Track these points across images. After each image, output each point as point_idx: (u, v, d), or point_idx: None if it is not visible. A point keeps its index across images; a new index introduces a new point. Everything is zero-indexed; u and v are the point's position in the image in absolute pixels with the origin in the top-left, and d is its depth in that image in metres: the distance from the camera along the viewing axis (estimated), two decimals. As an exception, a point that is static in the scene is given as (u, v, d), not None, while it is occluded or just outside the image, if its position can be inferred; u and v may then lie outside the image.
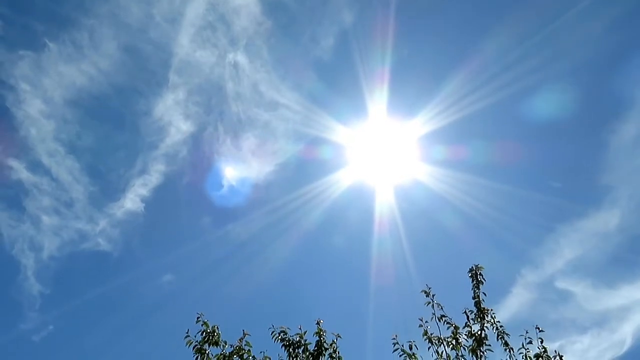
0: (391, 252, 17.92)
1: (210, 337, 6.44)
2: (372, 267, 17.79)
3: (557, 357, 6.66)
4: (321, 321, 6.94)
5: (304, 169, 20.88)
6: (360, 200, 19.93)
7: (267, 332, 6.75)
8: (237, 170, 20.99)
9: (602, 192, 19.09)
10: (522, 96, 18.71)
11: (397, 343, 6.53)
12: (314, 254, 21.03)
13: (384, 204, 18.83)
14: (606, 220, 18.48)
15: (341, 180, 19.39)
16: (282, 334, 6.72)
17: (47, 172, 19.76)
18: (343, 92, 19.44)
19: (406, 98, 19.09)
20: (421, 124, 18.24)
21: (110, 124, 21.35)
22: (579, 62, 18.67)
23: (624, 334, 17.23)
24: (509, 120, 19.83)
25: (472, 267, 6.97)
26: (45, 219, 19.85)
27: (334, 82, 19.91)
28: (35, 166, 19.73)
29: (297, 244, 20.08)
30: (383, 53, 17.99)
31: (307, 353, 6.74)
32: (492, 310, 6.72)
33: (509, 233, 18.85)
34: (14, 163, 19.57)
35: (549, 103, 19.08)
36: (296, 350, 6.75)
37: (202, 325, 6.53)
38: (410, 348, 6.53)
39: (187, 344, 6.47)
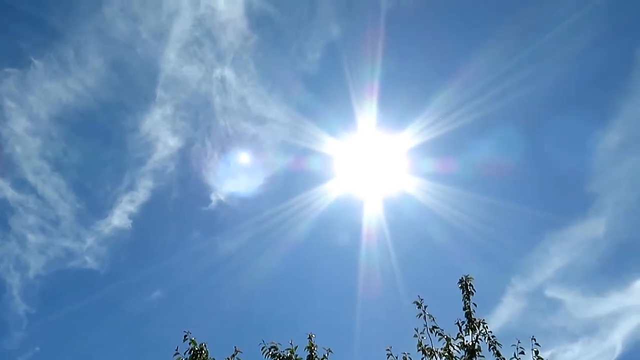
0: (379, 264, 17.90)
1: (199, 356, 6.33)
2: (360, 279, 17.74)
3: (551, 367, 6.62)
4: (313, 335, 6.86)
5: (292, 181, 20.84)
6: (348, 212, 19.89)
7: (257, 347, 6.66)
8: (226, 185, 20.88)
9: (588, 200, 19.25)
10: (510, 110, 18.92)
11: (392, 355, 6.47)
12: (301, 266, 20.90)
13: (372, 216, 18.80)
14: (593, 228, 18.63)
15: (329, 192, 19.33)
16: (272, 350, 6.61)
17: (32, 190, 19.50)
18: (332, 104, 19.47)
19: (395, 110, 19.16)
20: (410, 136, 18.30)
21: (97, 141, 21.20)
22: (565, 76, 18.94)
23: (614, 341, 17.29)
24: (497, 134, 20.00)
25: (462, 277, 6.93)
26: (31, 238, 19.56)
27: (323, 94, 19.94)
28: (21, 184, 19.48)
29: (284, 256, 19.96)
30: (372, 65, 18.10)
31: (299, 368, 6.64)
32: (483, 320, 6.68)
33: (497, 245, 18.91)
34: (-2, 181, 19.31)
35: (535, 115, 19.37)
36: (287, 365, 6.65)
37: (189, 343, 6.43)
38: (405, 360, 6.48)
39: (176, 362, 6.37)
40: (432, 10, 19.07)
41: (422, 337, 6.66)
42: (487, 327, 6.64)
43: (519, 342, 6.63)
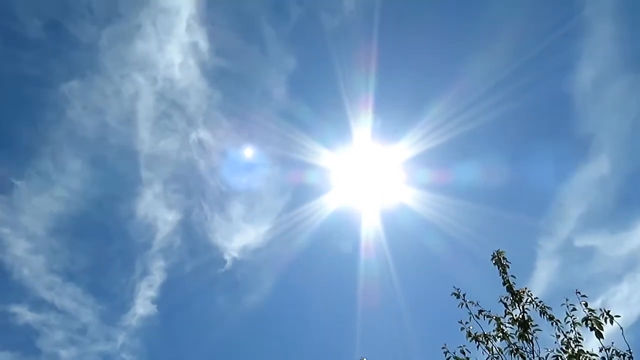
0: (378, 275, 17.97)
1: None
2: (359, 290, 17.76)
3: (605, 314, 6.52)
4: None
5: (290, 195, 20.88)
6: (346, 224, 19.97)
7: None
8: (235, 242, 20.85)
9: (584, 141, 19.28)
10: (504, 120, 19.16)
11: (448, 351, 6.37)
12: (300, 279, 20.81)
13: (370, 227, 18.94)
14: (598, 167, 18.63)
15: (327, 205, 19.48)
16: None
17: (51, 306, 19.41)
18: (327, 119, 19.55)
19: (390, 122, 19.33)
20: (406, 147, 18.48)
21: (99, 239, 21.21)
22: (557, 89, 19.26)
23: (659, 269, 17.09)
24: (491, 144, 20.21)
25: (494, 253, 6.87)
26: (64, 353, 19.38)
27: (317, 110, 20.02)
28: (38, 304, 19.39)
29: (285, 269, 19.96)
30: (367, 78, 18.34)
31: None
32: (527, 289, 6.60)
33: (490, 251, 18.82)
34: (15, 308, 19.17)
35: (528, 126, 19.58)
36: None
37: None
38: (463, 353, 6.37)
39: None
40: (425, 23, 19.43)
41: (470, 327, 6.59)
42: (531, 294, 6.57)
43: (567, 300, 6.55)
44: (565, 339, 6.42)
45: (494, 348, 6.50)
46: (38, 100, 19.37)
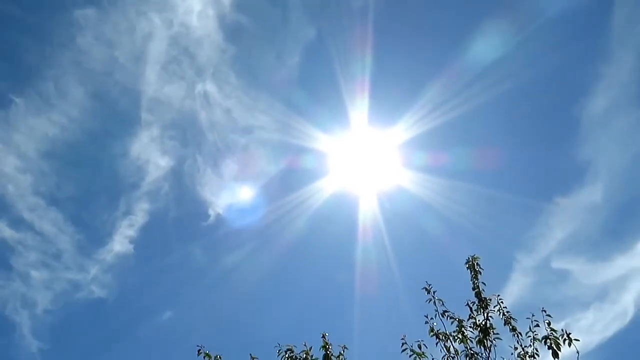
0: (375, 258, 17.98)
1: (215, 368, 6.34)
2: (356, 274, 17.80)
3: (565, 336, 6.62)
4: (326, 334, 6.86)
5: (286, 180, 20.87)
6: (343, 207, 19.95)
7: (266, 349, 6.67)
8: (222, 198, 20.86)
9: (582, 167, 19.34)
10: (500, 101, 19.07)
11: (406, 343, 6.47)
12: (299, 263, 20.92)
13: (367, 210, 18.88)
14: (591, 195, 18.72)
15: (324, 189, 19.42)
16: (288, 352, 6.62)
17: (30, 227, 19.43)
18: (324, 102, 19.46)
19: (387, 105, 19.24)
20: (402, 130, 18.38)
21: (88, 170, 21.14)
22: (549, 69, 19.09)
23: (626, 303, 17.37)
24: (487, 125, 20.16)
25: (469, 258, 6.95)
26: (35, 274, 19.48)
27: (313, 93, 19.88)
28: (17, 223, 19.41)
29: (282, 254, 20.02)
30: (362, 62, 18.19)
31: (316, 368, 6.64)
32: (498, 295, 6.69)
33: (490, 236, 19.05)
34: (-6, 223, 19.21)
35: (524, 105, 19.51)
36: (305, 367, 6.64)
37: (204, 357, 6.43)
38: (420, 347, 6.48)
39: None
40: (422, 5, 19.22)
41: (434, 323, 6.69)
42: (502, 301, 6.66)
43: (532, 315, 6.64)
44: (522, 352, 6.53)
45: (452, 348, 6.62)
46: (50, 21, 19.11)
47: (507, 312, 6.65)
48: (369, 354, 6.71)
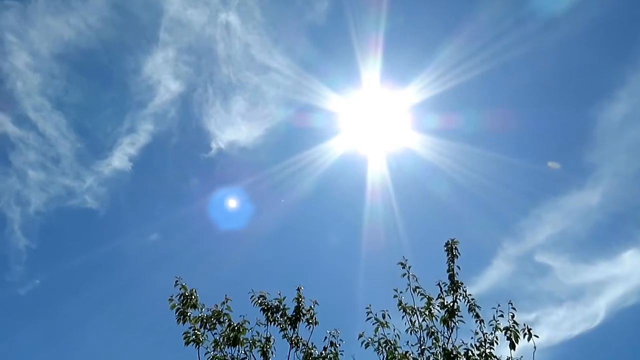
0: (382, 219, 18.08)
1: (189, 300, 6.58)
2: (363, 234, 17.97)
3: (526, 330, 6.87)
4: (302, 287, 7.11)
5: (295, 137, 20.81)
6: (352, 168, 19.95)
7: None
8: (226, 133, 20.88)
9: (587, 168, 19.29)
10: (515, 64, 18.64)
11: (371, 312, 6.73)
12: (305, 221, 21.17)
13: (376, 172, 18.88)
14: (588, 198, 18.76)
15: (333, 149, 19.32)
16: (261, 299, 6.87)
17: (33, 126, 19.51)
18: (336, 58, 19.20)
19: (400, 66, 18.94)
20: (414, 92, 18.11)
21: (98, 81, 21.02)
22: (573, 32, 18.50)
23: (598, 307, 17.75)
24: (501, 89, 19.86)
25: (448, 241, 7.11)
26: (32, 174, 19.75)
27: (327, 48, 19.64)
28: (22, 120, 19.48)
29: (288, 212, 20.18)
30: (377, 19, 17.71)
31: (285, 317, 6.92)
32: (463, 284, 6.90)
33: (497, 202, 19.08)
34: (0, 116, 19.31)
35: (541, 72, 19.12)
36: (275, 314, 6.92)
37: (180, 288, 6.66)
38: (384, 317, 6.74)
39: (170, 307, 6.63)
40: None
41: (403, 297, 6.93)
42: (466, 290, 6.87)
43: (498, 305, 6.86)
44: (482, 338, 6.79)
45: (417, 322, 6.88)
46: None
47: (472, 299, 6.88)
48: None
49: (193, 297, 6.60)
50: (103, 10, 19.01)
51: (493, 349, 6.69)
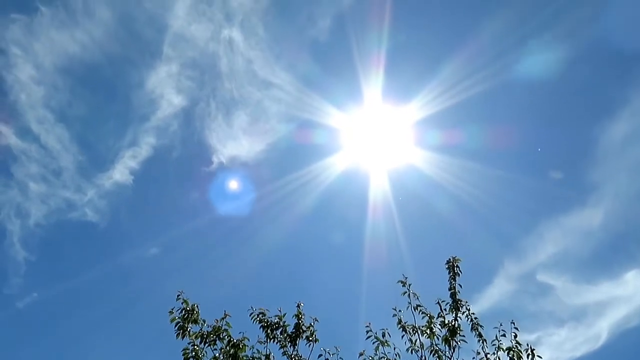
0: (385, 236, 17.99)
1: (190, 315, 6.54)
2: (365, 251, 17.87)
3: (530, 351, 6.82)
4: (301, 304, 7.06)
5: (297, 152, 20.80)
6: (354, 185, 19.88)
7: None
8: (228, 148, 20.92)
9: (589, 187, 19.25)
10: (517, 82, 18.71)
11: (371, 330, 6.67)
12: (306, 238, 21.06)
13: (378, 188, 18.83)
14: (590, 218, 18.70)
15: (335, 165, 19.29)
16: (260, 315, 6.83)
17: (36, 139, 19.53)
18: (338, 75, 19.29)
19: (402, 82, 19.00)
20: (416, 108, 18.15)
21: (102, 94, 21.08)
22: (575, 51, 18.62)
23: (600, 329, 17.59)
24: (503, 106, 19.90)
25: (450, 258, 7.07)
26: (33, 186, 19.74)
27: (329, 64, 19.73)
28: (24, 132, 19.50)
29: (289, 229, 20.07)
30: (379, 36, 17.84)
31: (285, 334, 6.87)
32: (466, 302, 6.85)
33: (499, 219, 19.01)
34: (3, 128, 19.35)
35: (543, 91, 19.21)
36: (274, 331, 6.87)
37: (182, 303, 6.62)
38: (383, 335, 6.68)
39: (170, 321, 6.58)
40: None
41: (402, 315, 6.89)
42: (469, 309, 6.82)
43: (501, 324, 6.83)
44: (485, 358, 6.73)
45: (418, 341, 6.81)
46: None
47: (475, 318, 6.83)
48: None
49: (194, 312, 6.56)
50: (108, 24, 19.19)
51: (495, 369, 6.65)
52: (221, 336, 6.51)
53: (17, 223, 19.45)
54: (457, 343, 6.76)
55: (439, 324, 6.82)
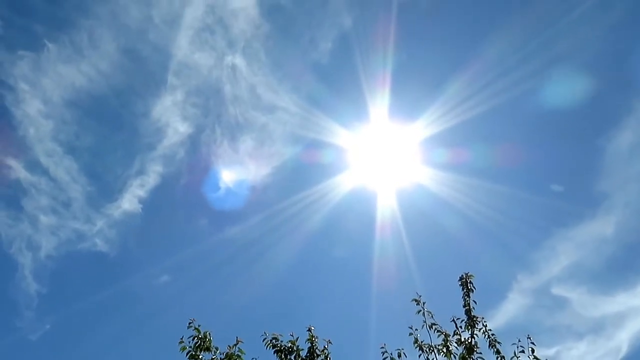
0: (393, 255, 17.90)
1: (202, 343, 6.46)
2: (374, 271, 17.76)
3: (549, 366, 6.67)
4: (312, 328, 6.96)
5: (304, 173, 20.87)
6: (361, 204, 19.89)
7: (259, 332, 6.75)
8: (234, 173, 21.03)
9: (598, 198, 19.11)
10: (522, 100, 18.77)
11: (386, 352, 6.56)
12: (315, 258, 20.99)
13: (386, 207, 18.80)
14: (602, 227, 18.50)
15: (342, 184, 19.35)
16: (273, 341, 6.73)
17: (45, 171, 19.78)
18: (343, 94, 19.45)
19: (408, 101, 19.13)
20: (423, 127, 18.25)
21: (109, 125, 21.36)
22: (578, 66, 18.67)
23: (620, 340, 17.26)
24: (509, 123, 19.93)
25: (462, 275, 6.98)
26: (43, 219, 19.89)
27: (334, 84, 19.93)
28: (34, 166, 19.77)
29: (297, 249, 20.02)
30: (384, 56, 17.99)
31: (300, 359, 6.76)
32: (483, 318, 6.74)
33: (509, 235, 18.87)
34: (12, 162, 19.62)
35: (548, 106, 19.19)
36: (288, 356, 6.76)
37: (193, 330, 6.55)
38: (399, 356, 6.57)
39: (180, 350, 6.50)
40: (444, 0, 18.94)
41: (418, 334, 6.76)
42: (486, 325, 6.69)
43: (519, 340, 6.67)
44: (504, 375, 6.59)
45: (434, 360, 6.68)
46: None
47: (492, 334, 6.70)
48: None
49: (207, 339, 6.48)
50: (113, 56, 19.52)
51: (515, 386, 6.50)
52: (235, 363, 6.42)
53: (28, 256, 19.56)
54: (475, 360, 6.63)
55: (456, 342, 6.69)
